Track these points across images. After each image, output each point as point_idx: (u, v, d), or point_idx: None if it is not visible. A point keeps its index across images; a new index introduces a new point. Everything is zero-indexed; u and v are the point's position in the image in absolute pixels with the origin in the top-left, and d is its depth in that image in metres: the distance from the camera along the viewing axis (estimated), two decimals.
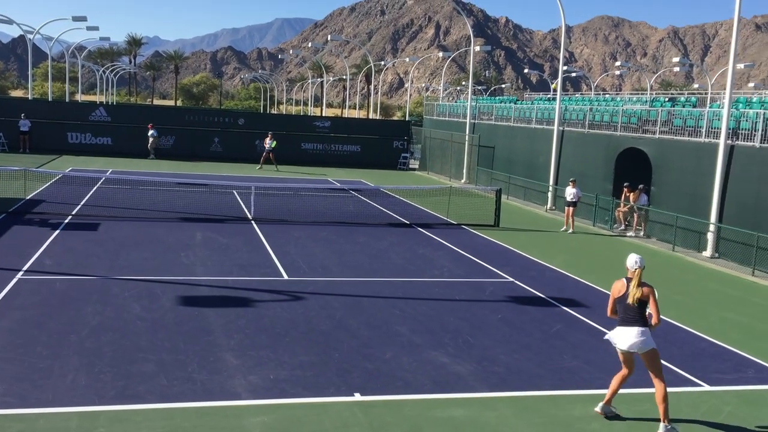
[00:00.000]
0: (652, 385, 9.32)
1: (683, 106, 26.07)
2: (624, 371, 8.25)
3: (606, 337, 8.39)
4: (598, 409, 8.31)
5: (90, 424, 7.31)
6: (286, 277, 14.17)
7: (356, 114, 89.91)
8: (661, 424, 7.84)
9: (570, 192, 22.21)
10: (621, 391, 9.19)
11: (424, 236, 19.79)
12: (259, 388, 8.47)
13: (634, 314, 7.97)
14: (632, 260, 8.11)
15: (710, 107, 24.04)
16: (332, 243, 17.94)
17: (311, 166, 39.98)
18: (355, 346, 10.18)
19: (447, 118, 41.21)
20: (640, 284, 8.00)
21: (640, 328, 7.93)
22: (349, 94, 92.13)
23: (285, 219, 20.89)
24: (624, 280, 8.17)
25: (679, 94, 42.51)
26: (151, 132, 38.42)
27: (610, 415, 8.27)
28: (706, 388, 9.49)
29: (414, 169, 42.73)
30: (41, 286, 12.39)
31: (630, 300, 7.96)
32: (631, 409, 8.56)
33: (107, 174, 25.90)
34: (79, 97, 80.00)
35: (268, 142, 36.34)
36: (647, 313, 8.01)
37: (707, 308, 13.86)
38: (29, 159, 32.39)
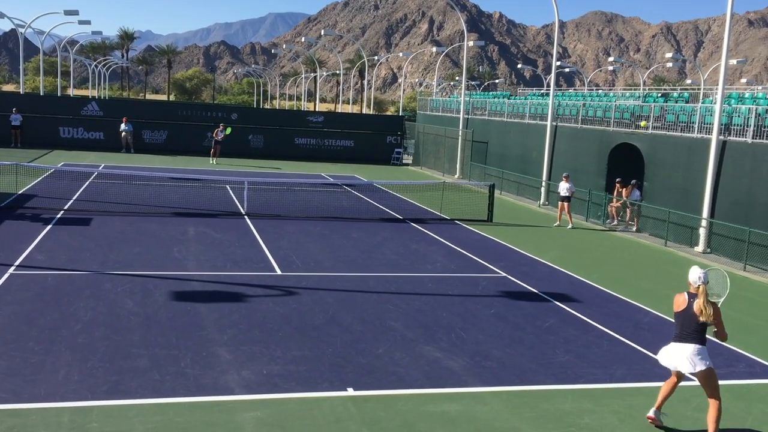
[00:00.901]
0: (645, 380, 9.40)
1: (676, 102, 26.14)
2: (673, 378, 8.00)
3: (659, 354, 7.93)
4: (651, 414, 8.04)
5: (82, 419, 7.30)
6: (279, 272, 14.16)
7: (350, 109, 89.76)
8: None
9: (563, 187, 22.24)
10: (613, 385, 9.24)
11: (418, 231, 19.80)
12: (252, 383, 8.47)
13: (692, 331, 7.53)
14: (695, 275, 7.60)
15: (703, 103, 24.14)
16: (325, 238, 17.93)
17: (304, 161, 39.94)
18: (348, 341, 10.19)
19: (440, 114, 41.21)
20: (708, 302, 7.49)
21: (697, 346, 7.49)
22: (343, 89, 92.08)
23: (278, 214, 20.87)
24: (685, 294, 7.67)
25: (671, 89, 42.64)
26: (123, 126, 37.68)
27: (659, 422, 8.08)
28: (698, 382, 9.50)
29: (407, 165, 42.74)
30: (33, 281, 12.35)
31: (703, 318, 7.43)
32: (623, 402, 8.60)
33: (99, 169, 25.80)
34: (71, 92, 79.55)
35: (220, 133, 35.49)
36: (711, 330, 7.59)
37: None
38: (21, 153, 32.24)
